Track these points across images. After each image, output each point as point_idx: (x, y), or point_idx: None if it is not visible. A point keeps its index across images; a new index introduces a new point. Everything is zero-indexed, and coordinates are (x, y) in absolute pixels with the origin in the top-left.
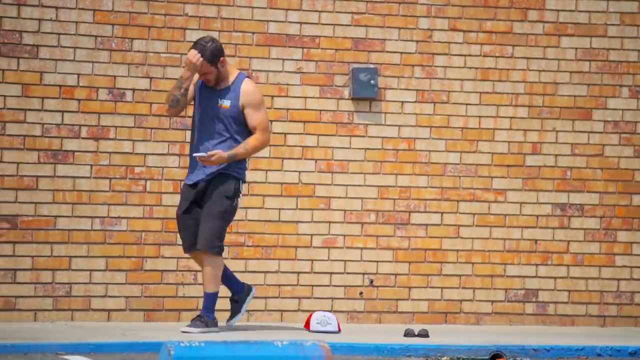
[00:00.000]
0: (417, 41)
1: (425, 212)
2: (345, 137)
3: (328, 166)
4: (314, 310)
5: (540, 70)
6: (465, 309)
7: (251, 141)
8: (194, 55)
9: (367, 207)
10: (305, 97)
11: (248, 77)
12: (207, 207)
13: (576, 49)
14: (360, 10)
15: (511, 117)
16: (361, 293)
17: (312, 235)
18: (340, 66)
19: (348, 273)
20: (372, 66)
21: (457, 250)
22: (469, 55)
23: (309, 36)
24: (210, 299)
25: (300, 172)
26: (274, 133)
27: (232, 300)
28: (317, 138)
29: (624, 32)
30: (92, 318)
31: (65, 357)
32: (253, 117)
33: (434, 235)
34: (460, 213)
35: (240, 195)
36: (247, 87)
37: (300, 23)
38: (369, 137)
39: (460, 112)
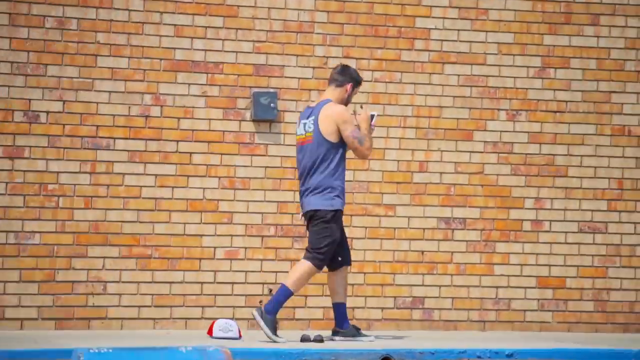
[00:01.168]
0: (313, 67)
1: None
2: (247, 156)
3: (231, 183)
4: (217, 318)
5: (426, 95)
6: (357, 316)
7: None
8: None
9: (267, 221)
10: (210, 119)
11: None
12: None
13: (458, 75)
14: (260, 38)
15: (400, 138)
16: (261, 302)
17: (215, 247)
18: (242, 90)
19: (249, 283)
20: (272, 90)
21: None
22: (363, 80)
23: (213, 62)
24: (282, 295)
25: (204, 188)
26: (180, 152)
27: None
28: (220, 157)
29: (501, 61)
30: (5, 327)
31: None
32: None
33: None
34: (353, 226)
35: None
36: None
37: (205, 50)
38: (269, 156)
39: None
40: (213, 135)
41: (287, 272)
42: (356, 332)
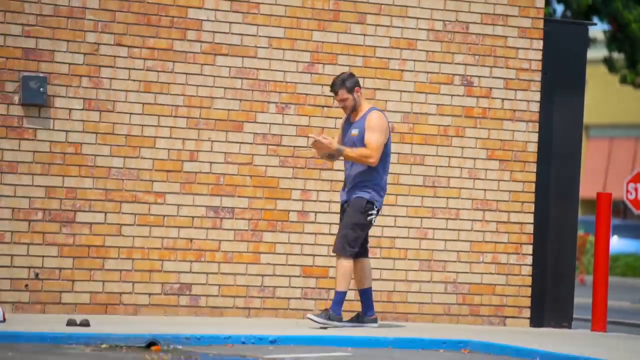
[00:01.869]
0: (84, 54)
1: (90, 211)
2: (15, 139)
3: None
4: None
5: (198, 85)
6: (125, 301)
7: (360, 149)
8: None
9: (34, 205)
10: None
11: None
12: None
13: (230, 67)
14: (30, 22)
15: (171, 127)
16: (27, 285)
17: None
18: (11, 74)
19: (15, 266)
20: (41, 75)
21: (119, 247)
22: (133, 68)
23: None
24: (338, 295)
25: None
26: None
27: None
28: None
29: (272, 55)
30: None
31: None
32: (368, 137)
33: (97, 232)
34: (122, 213)
35: (372, 214)
36: (370, 116)
37: None
38: (37, 140)
39: (124, 120)
40: None
41: (54, 256)
42: None
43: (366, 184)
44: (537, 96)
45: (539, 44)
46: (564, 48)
